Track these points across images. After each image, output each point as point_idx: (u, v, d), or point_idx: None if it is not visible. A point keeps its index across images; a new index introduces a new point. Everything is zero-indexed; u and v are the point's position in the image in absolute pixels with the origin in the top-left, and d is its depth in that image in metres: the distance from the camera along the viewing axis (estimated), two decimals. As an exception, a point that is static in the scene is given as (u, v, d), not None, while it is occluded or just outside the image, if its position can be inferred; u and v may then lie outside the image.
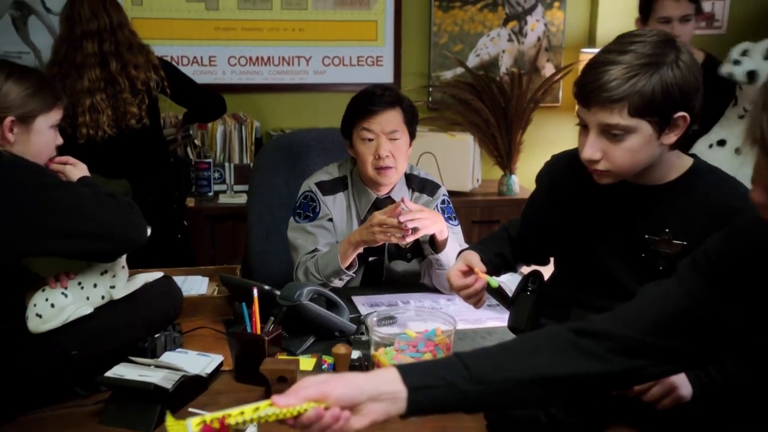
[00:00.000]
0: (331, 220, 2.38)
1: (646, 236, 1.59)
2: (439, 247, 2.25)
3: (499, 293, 1.84)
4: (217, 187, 3.81)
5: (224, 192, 3.81)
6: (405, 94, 2.40)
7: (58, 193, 1.65)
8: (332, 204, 2.38)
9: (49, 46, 3.23)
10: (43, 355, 1.62)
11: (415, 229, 2.12)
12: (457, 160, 3.83)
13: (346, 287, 2.32)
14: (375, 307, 2.16)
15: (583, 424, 1.45)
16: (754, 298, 1.10)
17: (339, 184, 2.41)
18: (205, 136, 3.84)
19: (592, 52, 3.87)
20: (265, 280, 1.99)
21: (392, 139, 2.28)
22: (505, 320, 2.01)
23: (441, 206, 2.41)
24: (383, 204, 2.34)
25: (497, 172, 4.04)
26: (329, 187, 2.40)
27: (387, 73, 4.15)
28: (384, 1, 4.07)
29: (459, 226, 2.45)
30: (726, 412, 1.41)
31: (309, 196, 2.38)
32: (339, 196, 2.40)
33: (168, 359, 1.74)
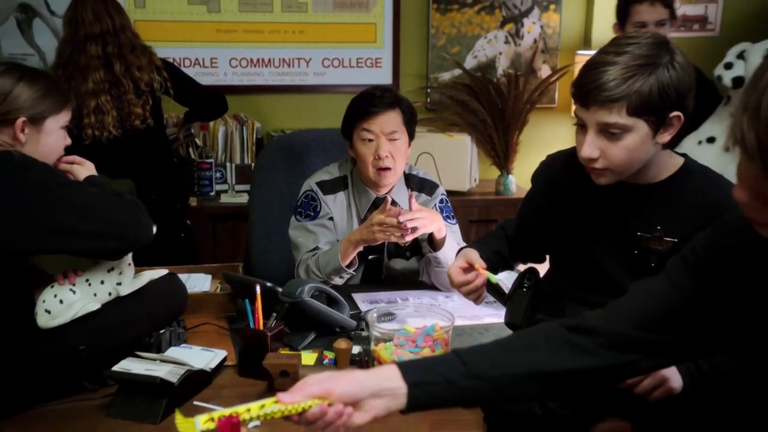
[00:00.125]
0: (331, 219, 2.39)
1: (639, 234, 1.60)
2: (438, 246, 2.26)
3: (496, 290, 1.84)
4: (218, 187, 3.80)
5: (226, 192, 3.80)
6: (404, 96, 2.41)
7: (67, 191, 1.66)
8: (333, 203, 2.39)
9: (54, 49, 3.23)
10: (52, 349, 1.63)
11: (414, 228, 2.13)
12: (454, 160, 3.82)
13: (347, 285, 2.33)
14: (375, 304, 2.17)
15: (577, 416, 1.48)
16: (741, 294, 1.11)
17: (339, 184, 2.42)
18: (207, 136, 3.83)
19: (587, 53, 3.88)
20: (266, 278, 1.99)
21: (392, 140, 2.28)
22: (501, 316, 2.02)
23: (439, 205, 2.42)
24: (383, 203, 2.34)
25: (494, 172, 4.03)
26: (330, 186, 2.41)
27: (386, 75, 4.13)
28: (383, 3, 4.05)
29: (457, 224, 2.46)
30: (715, 404, 1.44)
31: (310, 196, 2.39)
32: (339, 195, 2.41)
33: (173, 354, 1.75)
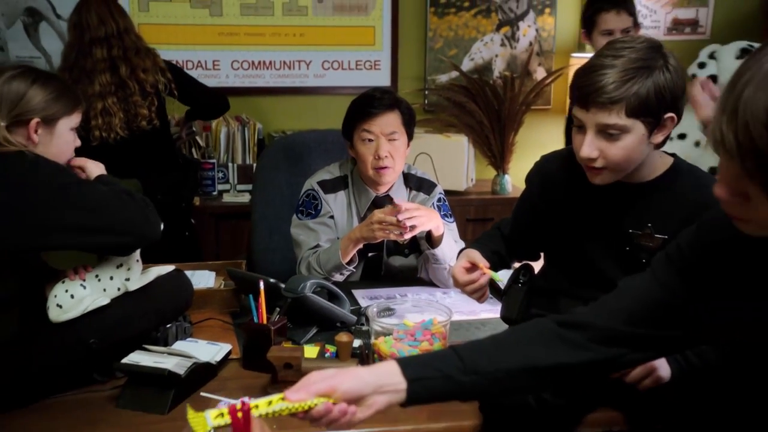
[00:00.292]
0: (332, 217, 2.40)
1: (630, 231, 1.63)
2: (435, 243, 2.28)
3: (492, 286, 1.86)
4: (221, 187, 3.81)
5: (228, 191, 3.81)
6: (403, 97, 2.43)
7: (78, 190, 1.69)
8: (333, 202, 2.41)
9: (60, 51, 3.23)
10: (64, 343, 1.66)
11: (412, 227, 2.15)
12: (452, 160, 3.82)
13: (347, 281, 2.34)
14: (374, 300, 2.19)
15: (569, 406, 1.50)
16: (724, 290, 1.14)
17: (340, 183, 2.43)
18: (210, 137, 3.85)
19: (581, 56, 3.89)
20: (268, 275, 2.00)
21: (391, 140, 2.30)
22: (497, 312, 2.05)
23: (437, 204, 2.43)
24: (382, 202, 2.36)
25: (491, 172, 4.04)
26: (331, 185, 2.42)
27: (384, 77, 4.15)
28: (381, 7, 4.07)
29: (454, 222, 2.47)
30: (702, 393, 1.47)
31: (311, 195, 2.40)
32: (340, 194, 2.42)
33: (180, 347, 1.78)
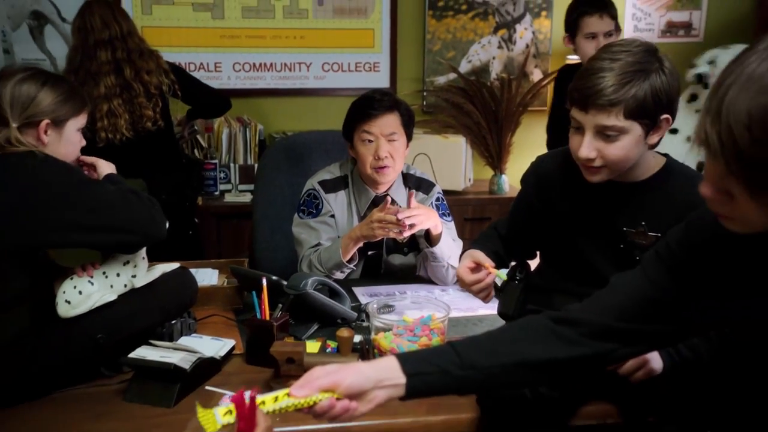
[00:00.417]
0: (333, 216, 2.42)
1: (624, 229, 1.65)
2: (434, 241, 2.30)
3: (495, 285, 1.88)
4: (222, 187, 3.83)
5: (229, 191, 3.83)
6: (402, 99, 2.45)
7: (87, 189, 1.71)
8: (334, 201, 2.42)
9: (64, 54, 3.25)
10: (72, 338, 1.68)
11: (411, 225, 2.17)
12: (450, 160, 3.84)
13: (348, 279, 2.35)
14: (374, 297, 2.20)
15: (564, 398, 1.53)
16: (711, 287, 1.16)
17: (340, 183, 2.45)
18: (212, 138, 3.86)
19: (577, 58, 3.92)
20: (270, 273, 2.01)
21: (390, 141, 2.32)
22: (494, 309, 2.08)
23: (435, 203, 2.45)
24: (382, 201, 2.35)
25: (488, 172, 4.06)
26: (331, 185, 2.44)
27: (383, 79, 4.16)
28: (380, 10, 4.08)
29: (452, 221, 2.49)
30: (694, 386, 1.50)
31: (312, 194, 2.42)
32: (340, 194, 2.44)
33: (185, 343, 1.80)
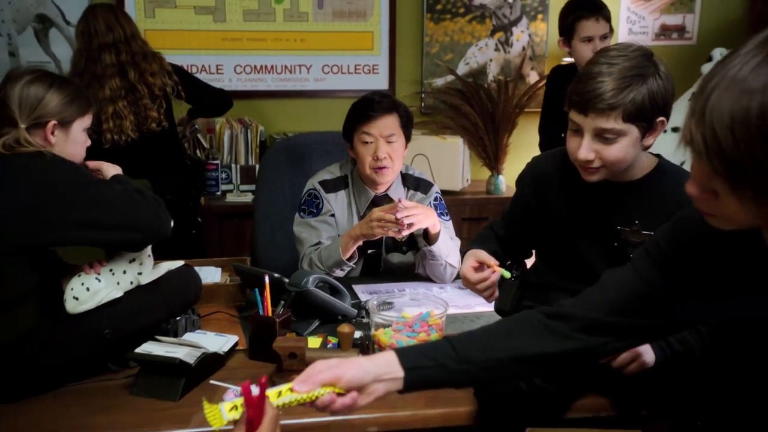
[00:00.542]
0: (333, 215, 2.44)
1: (619, 227, 1.67)
2: (432, 240, 2.31)
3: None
4: (224, 187, 3.84)
5: (231, 191, 3.84)
6: (401, 101, 2.46)
7: (95, 189, 1.74)
8: (334, 201, 2.44)
9: (68, 56, 3.26)
10: (80, 333, 1.70)
11: (410, 224, 2.19)
12: (448, 161, 3.86)
13: (348, 277, 2.37)
14: (374, 294, 2.20)
15: (560, 391, 1.55)
16: (698, 282, 1.18)
17: (340, 183, 2.46)
18: (213, 139, 3.88)
19: (571, 60, 3.94)
20: (271, 271, 2.03)
21: (389, 142, 2.34)
22: (491, 306, 2.10)
23: (434, 203, 2.47)
24: (381, 201, 2.40)
25: (485, 173, 4.07)
26: (331, 185, 2.45)
27: (382, 81, 4.17)
28: (379, 13, 4.10)
29: (450, 221, 2.51)
30: (685, 379, 1.52)
31: (313, 194, 2.44)
32: (340, 193, 2.46)
33: (189, 338, 1.82)
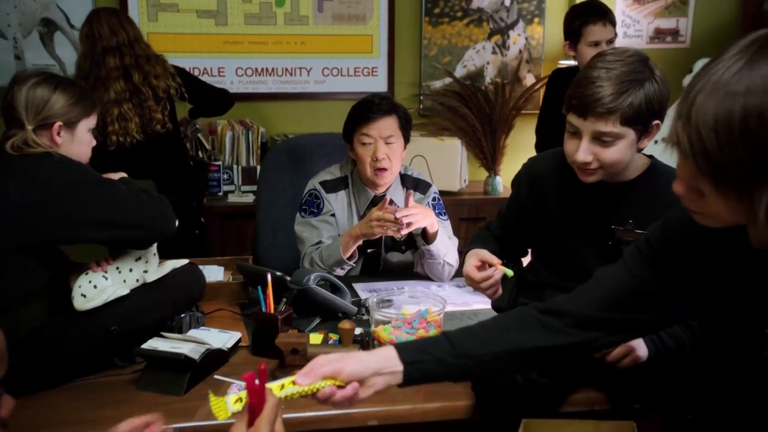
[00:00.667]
0: (333, 215, 2.46)
1: (613, 226, 1.70)
2: (431, 239, 2.34)
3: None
4: (226, 188, 3.86)
5: (233, 192, 3.86)
6: (400, 103, 2.49)
7: (102, 188, 1.77)
8: (335, 201, 2.46)
9: (73, 59, 3.28)
10: (87, 330, 1.73)
11: (408, 223, 2.21)
12: (446, 162, 3.87)
13: (348, 275, 2.39)
14: (374, 292, 2.23)
15: (555, 386, 1.58)
16: (686, 277, 1.21)
17: (341, 183, 2.48)
18: (215, 140, 3.90)
19: (568, 63, 3.97)
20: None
21: (388, 143, 2.36)
22: (488, 303, 2.13)
23: (432, 203, 2.49)
24: (381, 201, 2.40)
25: (483, 174, 4.09)
26: (332, 185, 2.47)
27: (381, 83, 4.19)
28: (378, 16, 4.12)
29: (448, 220, 2.53)
30: (677, 374, 1.55)
31: (314, 194, 2.46)
32: (341, 194, 2.48)
33: (194, 335, 1.83)
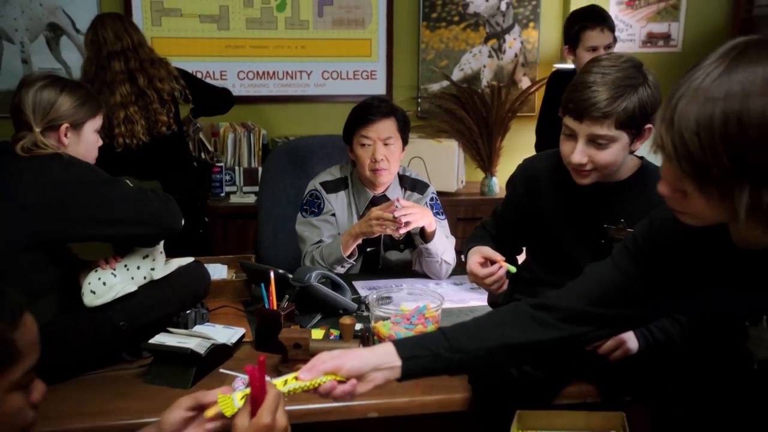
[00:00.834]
0: (333, 215, 2.48)
1: (605, 225, 1.73)
2: (428, 238, 2.36)
3: None
4: (228, 189, 3.87)
5: (234, 193, 3.88)
6: (399, 106, 2.51)
7: (110, 187, 1.80)
8: (335, 201, 2.49)
9: (79, 63, 3.29)
10: (97, 325, 1.76)
11: (407, 222, 2.24)
12: (443, 163, 3.88)
13: (348, 274, 2.42)
14: (373, 290, 2.26)
15: (548, 379, 1.61)
16: (671, 273, 1.24)
17: (341, 184, 2.51)
18: (217, 142, 3.93)
19: (563, 67, 3.99)
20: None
21: (387, 145, 2.38)
22: (484, 300, 2.17)
23: (430, 203, 2.51)
24: (380, 201, 2.44)
25: (479, 175, 4.11)
26: (332, 186, 2.50)
27: (380, 86, 4.21)
28: (377, 21, 4.14)
29: (446, 220, 2.55)
30: (666, 368, 1.58)
31: (314, 194, 2.48)
32: (341, 194, 2.50)
33: (199, 330, 1.87)
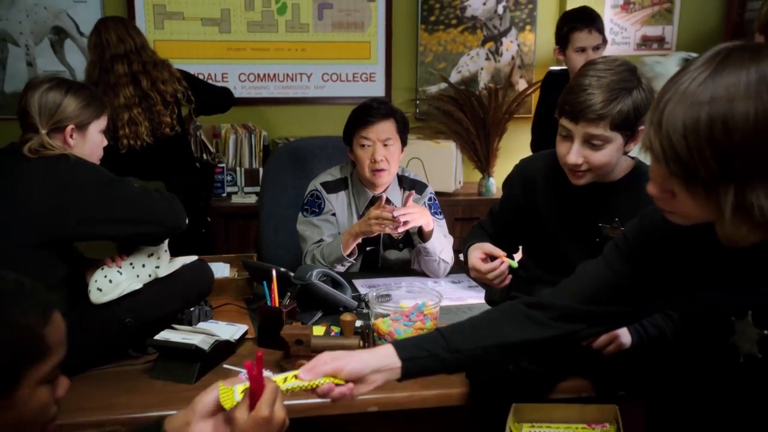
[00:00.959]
0: (334, 214, 2.50)
1: (600, 224, 1.75)
2: (426, 237, 2.39)
3: None
4: (229, 189, 3.90)
5: (236, 193, 3.90)
6: (398, 107, 2.53)
7: (117, 187, 1.82)
8: (335, 201, 2.51)
9: (82, 65, 3.30)
10: (103, 322, 1.78)
11: (405, 222, 2.26)
12: (441, 164, 3.90)
13: (348, 272, 2.43)
14: (373, 288, 2.29)
15: (544, 374, 1.64)
16: (661, 271, 1.26)
17: (341, 184, 2.53)
18: (219, 143, 3.95)
19: (559, 69, 4.02)
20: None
21: (386, 146, 2.40)
22: (482, 298, 2.19)
23: (428, 203, 2.54)
24: (377, 201, 2.45)
25: (477, 175, 4.12)
26: (332, 186, 2.52)
27: (379, 88, 4.22)
28: (376, 24, 4.15)
29: (444, 219, 2.58)
30: (658, 363, 1.60)
31: (315, 194, 2.50)
32: (341, 194, 2.52)
33: (203, 327, 1.89)
